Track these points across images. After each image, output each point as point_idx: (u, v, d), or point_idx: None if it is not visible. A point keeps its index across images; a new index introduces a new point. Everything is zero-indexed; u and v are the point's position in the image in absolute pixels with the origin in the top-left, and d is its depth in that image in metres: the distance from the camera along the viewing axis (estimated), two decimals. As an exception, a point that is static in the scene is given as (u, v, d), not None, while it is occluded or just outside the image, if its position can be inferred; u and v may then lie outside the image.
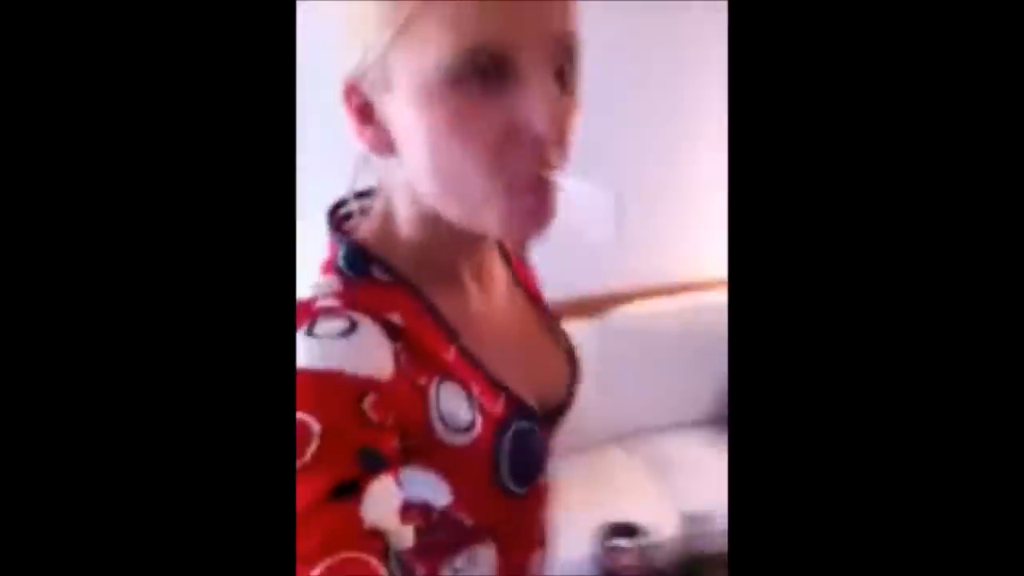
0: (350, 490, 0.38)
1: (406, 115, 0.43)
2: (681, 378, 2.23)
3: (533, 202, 0.44)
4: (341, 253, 0.49)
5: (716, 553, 1.17)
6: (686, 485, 1.88)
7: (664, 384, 2.21)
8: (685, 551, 1.18)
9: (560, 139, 0.43)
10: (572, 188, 0.42)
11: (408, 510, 0.44)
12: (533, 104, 0.41)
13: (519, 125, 0.41)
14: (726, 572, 1.04)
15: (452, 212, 0.46)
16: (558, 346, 0.63)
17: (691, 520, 1.18)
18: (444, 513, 0.48)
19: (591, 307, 2.11)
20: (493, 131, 0.41)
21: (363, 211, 0.53)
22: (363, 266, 0.49)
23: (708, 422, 2.24)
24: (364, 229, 0.51)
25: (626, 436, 2.21)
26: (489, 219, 0.45)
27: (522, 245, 0.67)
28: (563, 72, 0.43)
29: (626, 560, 1.11)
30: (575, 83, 0.45)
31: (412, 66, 0.41)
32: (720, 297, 2.33)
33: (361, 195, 0.54)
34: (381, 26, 0.41)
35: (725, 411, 2.23)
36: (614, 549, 1.13)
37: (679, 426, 2.22)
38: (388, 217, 0.51)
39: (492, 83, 0.40)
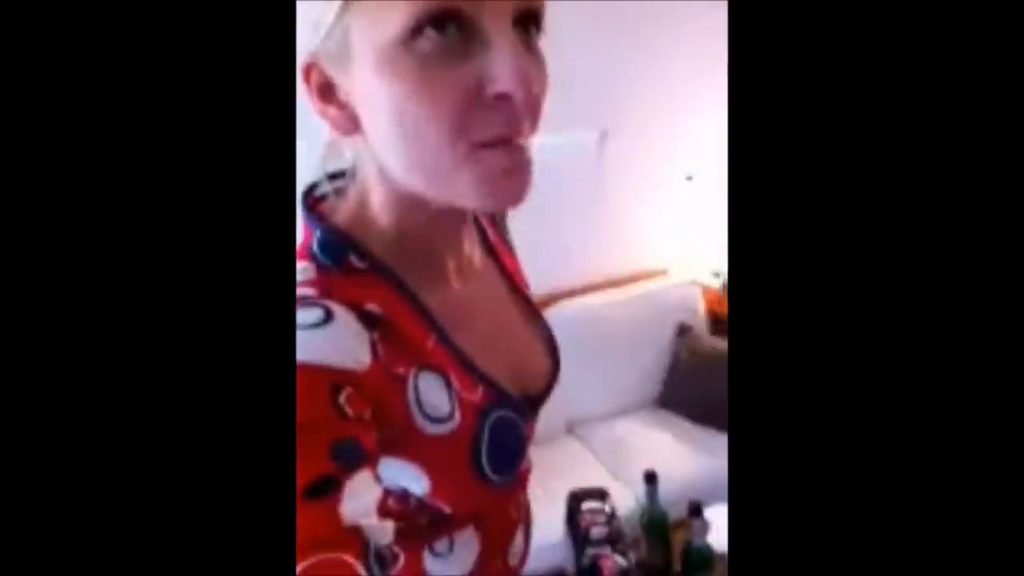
0: (328, 487, 0.37)
1: (368, 86, 0.41)
2: (622, 366, 2.35)
3: (506, 165, 0.42)
4: (316, 239, 0.47)
5: (674, 512, 1.27)
6: (638, 464, 1.98)
7: (606, 373, 2.32)
8: (647, 511, 1.27)
9: (529, 99, 0.41)
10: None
11: (386, 500, 0.44)
12: (499, 61, 0.39)
13: (485, 86, 0.40)
14: (687, 529, 1.11)
15: (422, 185, 0.44)
16: (537, 334, 0.63)
17: (650, 480, 1.27)
18: (423, 501, 0.48)
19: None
20: (457, 91, 0.40)
21: (337, 192, 0.52)
22: (339, 253, 0.47)
23: (650, 405, 2.37)
24: (340, 214, 0.49)
25: (577, 424, 2.31)
26: (460, 185, 0.43)
27: (498, 212, 0.66)
28: (528, 34, 0.42)
29: (598, 521, 1.18)
30: (538, 45, 0.44)
31: (370, 35, 0.40)
32: (653, 286, 2.48)
33: (334, 176, 0.52)
34: None
35: (665, 392, 2.36)
36: (586, 512, 1.20)
37: (625, 410, 2.33)
38: (364, 203, 0.49)
39: (454, 46, 0.39)
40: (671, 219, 2.57)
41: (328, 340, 0.42)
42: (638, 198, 2.51)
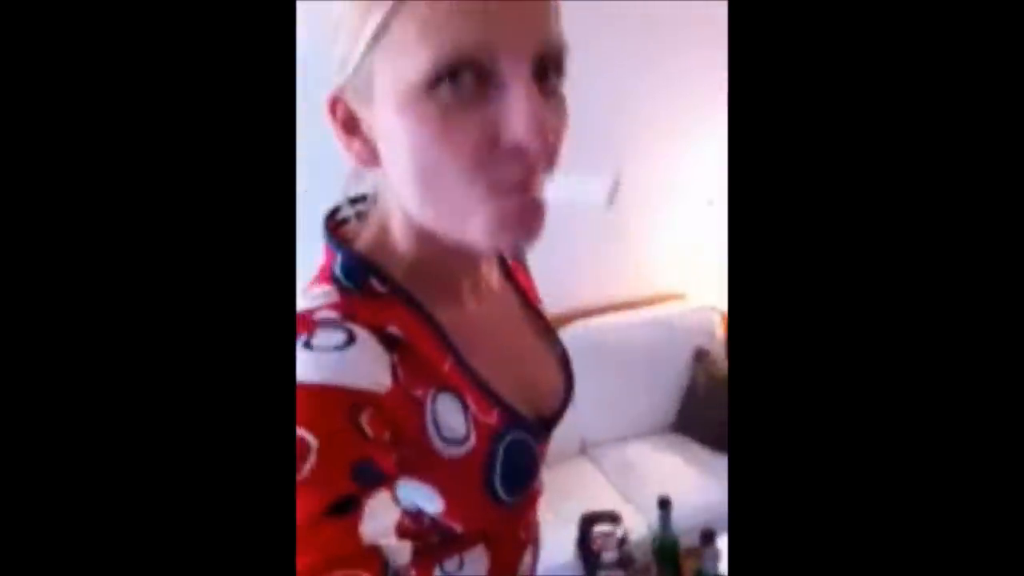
0: (348, 506, 0.37)
1: (388, 125, 0.43)
2: (637, 389, 2.34)
3: (519, 207, 0.43)
4: (339, 263, 0.49)
5: (685, 541, 1.26)
6: (650, 488, 1.96)
7: (621, 395, 2.31)
8: (659, 536, 1.26)
9: (545, 145, 0.42)
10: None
11: (402, 519, 0.44)
12: (514, 110, 0.40)
13: (501, 132, 0.41)
14: (698, 556, 1.11)
15: (437, 223, 0.46)
16: (552, 354, 0.64)
17: (663, 506, 1.26)
18: (436, 521, 0.48)
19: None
20: (474, 138, 0.41)
21: (359, 216, 0.53)
22: (361, 277, 0.48)
23: (665, 429, 2.36)
24: (362, 239, 0.51)
25: (590, 445, 2.30)
26: (474, 227, 0.44)
27: (511, 252, 0.67)
28: (547, 78, 0.43)
29: (609, 545, 1.17)
30: (560, 88, 0.44)
31: (392, 76, 0.41)
32: (672, 310, 2.48)
33: (356, 200, 0.54)
34: (357, 35, 0.41)
35: (680, 417, 2.34)
36: (597, 535, 1.20)
37: (639, 433, 2.32)
38: (385, 228, 0.50)
39: (472, 91, 0.40)
40: (689, 242, 2.57)
41: (350, 362, 0.43)
42: (655, 220, 2.51)
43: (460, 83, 0.39)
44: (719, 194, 2.48)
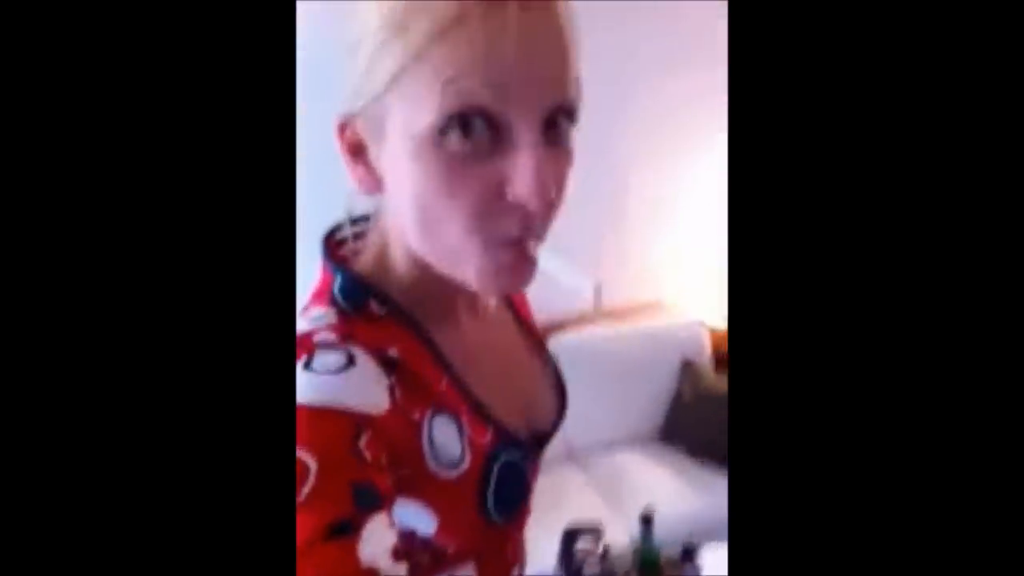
0: (347, 528, 0.38)
1: (395, 165, 0.43)
2: (625, 398, 2.36)
3: (511, 262, 0.44)
4: (337, 284, 0.49)
5: (669, 553, 1.27)
6: (636, 497, 1.98)
7: (609, 404, 2.32)
8: (640, 550, 1.27)
9: (545, 206, 0.42)
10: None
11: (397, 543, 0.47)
12: (521, 170, 0.40)
13: (504, 188, 0.41)
14: (679, 569, 1.12)
15: (433, 260, 0.47)
16: (545, 371, 0.64)
17: (646, 521, 1.27)
18: (427, 541, 0.48)
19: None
20: (478, 191, 0.41)
21: (357, 236, 0.54)
22: (360, 299, 0.49)
23: (652, 439, 2.37)
24: (361, 260, 0.51)
25: (577, 451, 2.31)
26: (467, 273, 0.45)
27: (500, 296, 0.67)
28: (557, 127, 0.42)
29: (591, 560, 1.18)
30: (569, 134, 0.44)
31: (403, 121, 0.41)
32: (660, 322, 2.49)
33: (355, 220, 0.54)
34: (371, 75, 0.41)
35: (667, 426, 2.36)
36: (579, 550, 1.21)
37: (626, 441, 2.34)
38: (383, 249, 0.51)
39: (481, 144, 0.40)
40: (681, 254, 2.59)
41: (350, 384, 0.43)
42: (650, 232, 2.53)
43: (471, 132, 0.40)
44: (716, 208, 2.51)
